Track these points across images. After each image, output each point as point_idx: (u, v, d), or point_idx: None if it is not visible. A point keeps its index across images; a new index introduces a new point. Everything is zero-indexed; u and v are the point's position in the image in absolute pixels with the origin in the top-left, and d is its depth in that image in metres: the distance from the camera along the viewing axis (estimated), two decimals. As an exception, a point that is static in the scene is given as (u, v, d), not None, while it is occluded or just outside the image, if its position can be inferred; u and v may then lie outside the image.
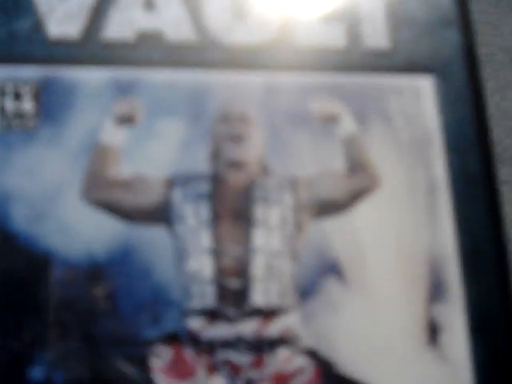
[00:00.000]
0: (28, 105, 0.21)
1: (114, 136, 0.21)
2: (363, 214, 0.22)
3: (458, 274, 0.22)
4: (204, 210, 0.21)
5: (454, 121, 0.24)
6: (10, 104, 0.21)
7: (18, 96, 0.21)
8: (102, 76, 0.22)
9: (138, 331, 0.20)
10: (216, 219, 0.21)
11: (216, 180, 0.21)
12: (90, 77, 0.22)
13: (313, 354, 0.20)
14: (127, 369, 0.19)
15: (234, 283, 0.21)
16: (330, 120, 0.23)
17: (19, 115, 0.21)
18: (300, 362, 0.20)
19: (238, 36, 0.23)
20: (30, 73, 0.21)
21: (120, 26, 0.20)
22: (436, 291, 0.22)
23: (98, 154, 0.21)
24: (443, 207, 0.22)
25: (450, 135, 0.23)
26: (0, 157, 0.20)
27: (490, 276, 0.23)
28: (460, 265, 0.22)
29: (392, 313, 0.21)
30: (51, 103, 0.21)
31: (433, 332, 0.21)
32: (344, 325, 0.21)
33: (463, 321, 0.22)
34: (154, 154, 0.21)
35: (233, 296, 0.20)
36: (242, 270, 0.21)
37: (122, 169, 0.21)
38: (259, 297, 0.20)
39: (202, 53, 0.22)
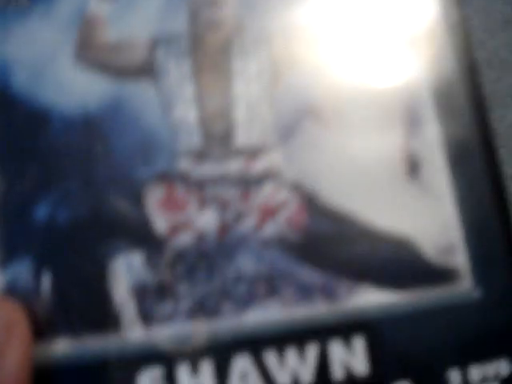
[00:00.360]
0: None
1: (99, 7, 0.23)
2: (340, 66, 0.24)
3: (433, 111, 0.23)
4: (186, 65, 0.22)
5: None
6: (4, -13, 0.23)
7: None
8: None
9: (131, 172, 0.22)
10: (197, 72, 0.22)
11: (195, 39, 0.23)
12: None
13: (296, 188, 0.22)
14: (123, 205, 0.21)
15: (217, 127, 0.22)
16: None
17: (13, -4, 0.23)
18: (285, 195, 0.21)
19: None
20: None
21: None
22: (413, 128, 0.23)
23: (86, 23, 0.23)
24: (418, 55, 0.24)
25: None
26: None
27: (465, 113, 0.24)
28: (434, 103, 0.23)
29: (371, 149, 0.23)
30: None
31: (412, 165, 0.22)
32: (325, 160, 0.22)
33: (441, 154, 0.23)
34: (136, 21, 0.23)
35: (218, 138, 0.22)
36: (225, 115, 0.22)
37: (109, 35, 0.23)
38: (242, 138, 0.22)
39: None
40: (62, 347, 0.19)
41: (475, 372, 0.20)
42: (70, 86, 0.22)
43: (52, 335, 0.19)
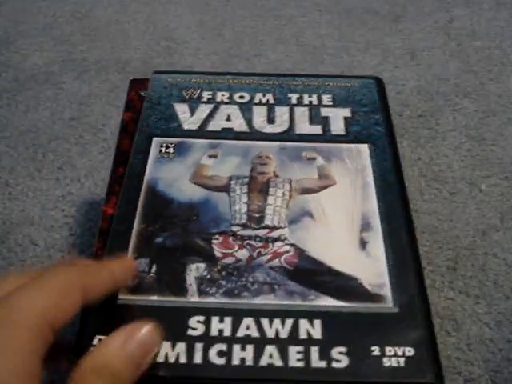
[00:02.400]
0: None
1: (207, 161, 0.44)
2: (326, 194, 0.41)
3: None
4: (244, 188, 0.41)
5: None
6: None
7: None
8: None
9: (207, 229, 0.39)
10: (249, 192, 0.41)
11: (251, 178, 0.42)
12: None
13: (293, 245, 0.38)
14: (201, 243, 0.38)
15: (256, 215, 0.39)
16: (311, 159, 0.44)
17: None
18: (287, 248, 0.37)
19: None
20: None
21: None
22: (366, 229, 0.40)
23: (198, 166, 0.44)
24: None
25: None
26: None
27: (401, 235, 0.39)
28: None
29: (341, 240, 0.39)
30: None
31: (363, 244, 0.38)
32: (312, 239, 0.39)
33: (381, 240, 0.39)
34: (224, 168, 0.44)
35: (255, 220, 0.39)
36: (261, 210, 0.40)
37: (208, 172, 0.44)
38: (268, 222, 0.39)
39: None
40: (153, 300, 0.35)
41: (389, 349, 0.32)
42: (185, 190, 0.42)
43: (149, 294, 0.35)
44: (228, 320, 0.33)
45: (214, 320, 0.33)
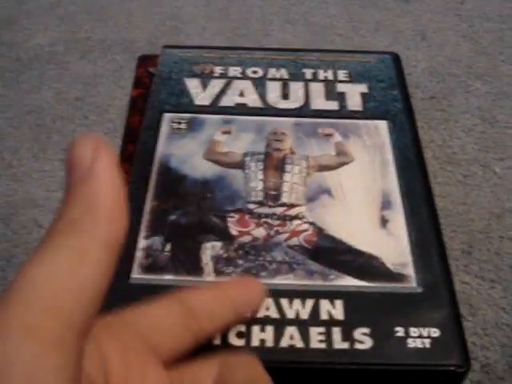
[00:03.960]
0: None
1: (221, 137, 0.42)
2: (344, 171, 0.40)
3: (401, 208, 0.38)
4: (260, 165, 0.40)
5: None
6: None
7: None
8: None
9: (222, 207, 0.38)
10: (265, 169, 0.40)
11: (267, 154, 0.41)
12: None
13: (312, 224, 0.36)
14: (216, 220, 0.36)
15: (273, 193, 0.38)
16: (327, 136, 0.43)
17: None
18: (305, 226, 0.36)
19: None
20: None
21: None
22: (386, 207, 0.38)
23: (212, 142, 0.42)
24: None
25: None
26: None
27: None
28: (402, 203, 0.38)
29: (361, 218, 0.37)
30: None
31: (383, 222, 0.37)
32: (331, 218, 0.37)
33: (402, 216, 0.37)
34: (238, 144, 0.43)
35: (272, 198, 0.37)
36: (277, 188, 0.38)
37: (223, 148, 0.42)
38: (285, 199, 0.37)
39: None
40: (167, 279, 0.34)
41: (413, 330, 0.31)
42: (198, 166, 0.41)
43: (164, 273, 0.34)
44: None
45: None
